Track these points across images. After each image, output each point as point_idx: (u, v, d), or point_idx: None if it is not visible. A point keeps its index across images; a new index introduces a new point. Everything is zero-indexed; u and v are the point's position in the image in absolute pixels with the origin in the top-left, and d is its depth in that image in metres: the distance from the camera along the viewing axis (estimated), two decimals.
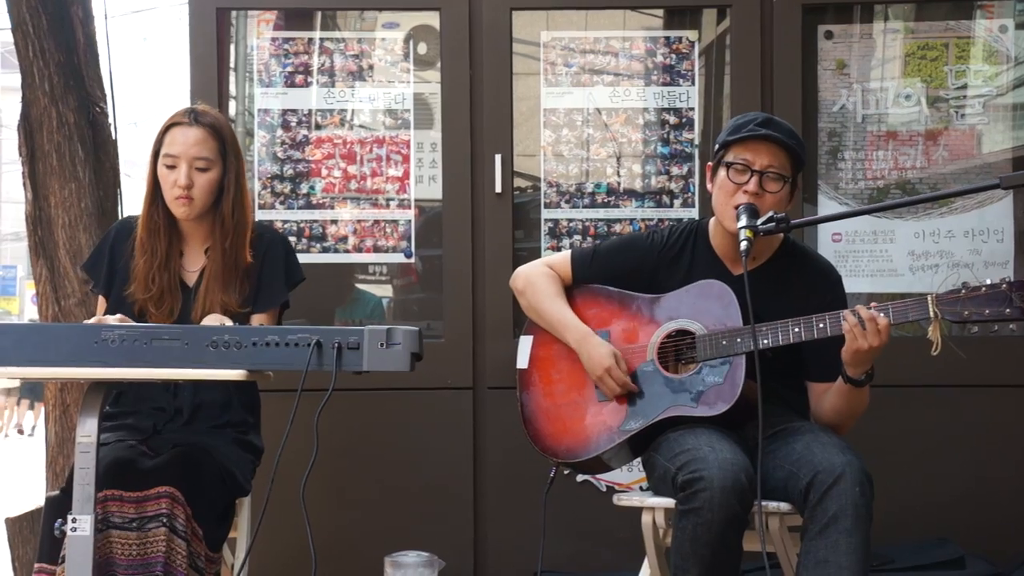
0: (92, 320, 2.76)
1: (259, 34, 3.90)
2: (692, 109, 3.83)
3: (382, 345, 2.36)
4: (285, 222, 3.83)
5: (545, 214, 3.82)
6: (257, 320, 2.87)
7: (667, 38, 3.87)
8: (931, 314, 2.52)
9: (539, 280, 2.90)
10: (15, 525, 3.81)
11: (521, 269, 2.98)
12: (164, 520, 2.56)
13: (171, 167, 2.81)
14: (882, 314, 2.54)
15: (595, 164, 3.86)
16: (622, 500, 2.80)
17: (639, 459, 2.83)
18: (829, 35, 3.85)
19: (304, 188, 3.84)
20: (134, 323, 2.68)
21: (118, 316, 2.70)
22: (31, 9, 3.75)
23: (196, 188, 2.80)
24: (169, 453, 2.69)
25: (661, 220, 3.79)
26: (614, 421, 2.76)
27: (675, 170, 3.83)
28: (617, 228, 3.81)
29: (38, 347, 2.38)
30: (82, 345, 2.38)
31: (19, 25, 3.79)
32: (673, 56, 3.84)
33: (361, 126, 3.89)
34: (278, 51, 3.87)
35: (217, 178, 2.83)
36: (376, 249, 3.85)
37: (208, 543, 2.64)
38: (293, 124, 3.85)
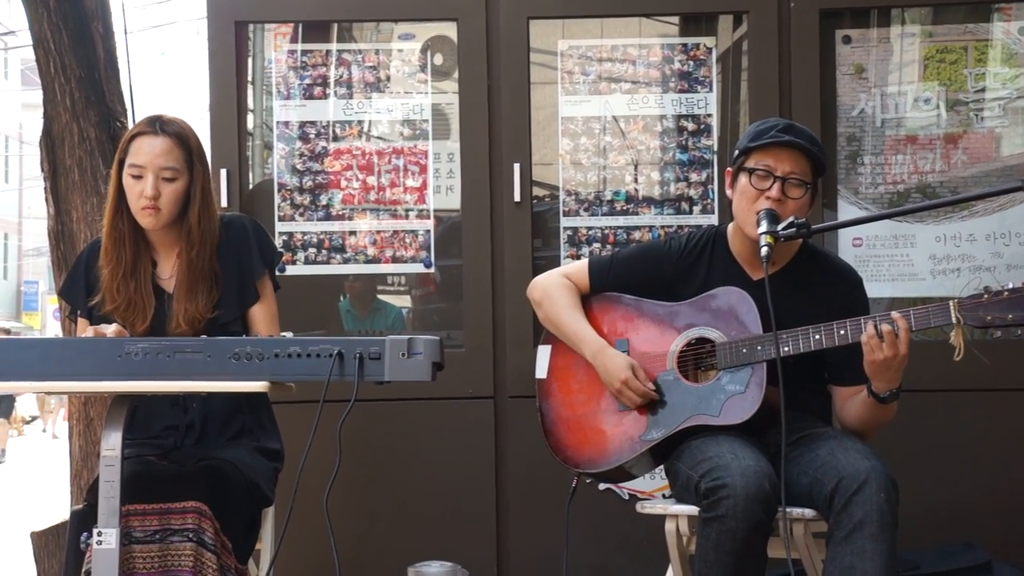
0: (87, 333, 2.72)
1: (277, 47, 3.92)
2: (710, 115, 3.83)
3: (403, 355, 2.37)
4: (304, 234, 3.84)
5: (564, 222, 3.83)
6: (256, 313, 2.84)
7: (684, 45, 3.87)
8: (953, 319, 2.50)
9: (556, 292, 2.90)
10: (41, 539, 3.83)
11: (538, 279, 2.98)
12: (190, 535, 2.56)
13: (137, 177, 2.76)
14: (903, 319, 2.53)
15: (613, 172, 3.86)
16: (645, 508, 2.79)
17: (661, 466, 2.83)
18: (847, 40, 3.85)
19: (323, 200, 3.86)
20: (155, 336, 2.70)
21: (114, 327, 2.67)
22: (52, 26, 3.78)
23: (163, 198, 2.76)
24: (196, 466, 2.69)
25: (680, 227, 3.78)
26: (635, 431, 2.75)
27: (694, 177, 3.82)
28: (636, 236, 3.80)
29: (62, 361, 2.39)
30: (105, 359, 2.39)
31: (40, 42, 3.82)
32: (690, 63, 3.84)
33: (379, 137, 3.91)
34: (296, 63, 3.89)
35: (184, 188, 2.78)
36: (395, 260, 3.86)
37: (237, 555, 2.64)
38: (312, 136, 3.87)
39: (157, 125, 2.79)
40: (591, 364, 2.82)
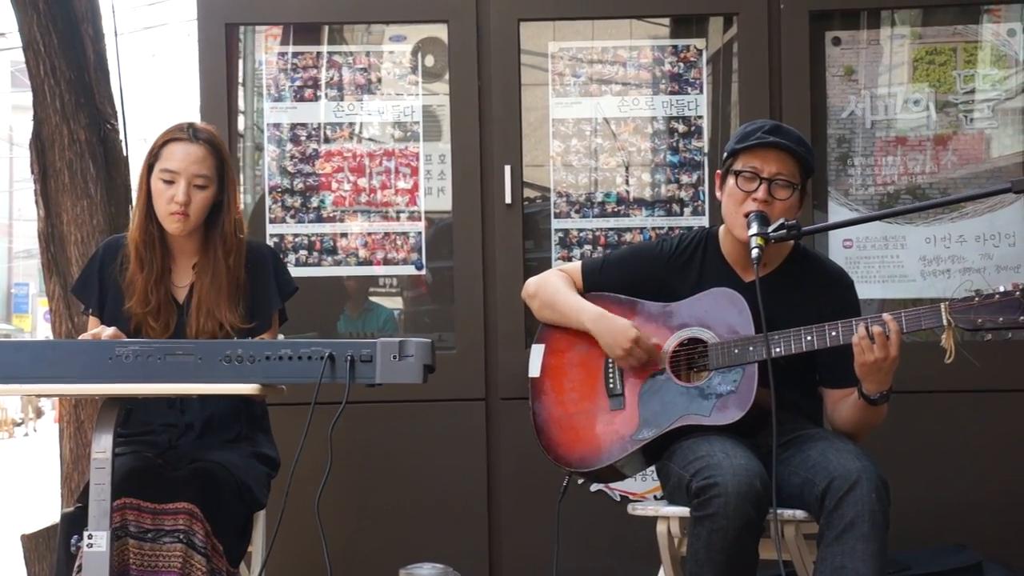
0: (87, 335, 2.75)
1: (267, 49, 3.91)
2: (701, 117, 3.83)
3: (395, 357, 2.37)
4: (296, 236, 3.84)
5: (555, 224, 3.83)
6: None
7: (674, 46, 3.87)
8: (944, 322, 2.51)
9: (550, 279, 2.92)
10: (31, 542, 3.82)
11: (532, 278, 2.99)
12: (181, 536, 2.56)
13: (169, 182, 2.77)
14: (894, 321, 2.53)
15: (604, 173, 3.86)
16: (637, 509, 2.79)
17: (653, 467, 2.83)
18: (837, 41, 3.85)
19: (314, 202, 3.86)
20: (146, 339, 2.70)
21: (112, 329, 2.69)
22: (42, 28, 3.77)
23: (193, 205, 2.77)
24: (187, 469, 2.69)
25: (671, 229, 3.79)
26: (627, 430, 2.75)
27: (684, 178, 3.83)
28: (627, 237, 3.81)
29: (53, 364, 2.39)
30: (96, 361, 2.39)
31: (30, 44, 3.81)
32: (681, 64, 3.85)
33: (370, 139, 3.90)
34: (286, 65, 3.89)
35: (212, 196, 2.80)
36: (387, 262, 3.86)
37: (228, 558, 2.64)
38: (303, 138, 3.87)
39: (191, 131, 2.81)
40: (586, 361, 2.81)
